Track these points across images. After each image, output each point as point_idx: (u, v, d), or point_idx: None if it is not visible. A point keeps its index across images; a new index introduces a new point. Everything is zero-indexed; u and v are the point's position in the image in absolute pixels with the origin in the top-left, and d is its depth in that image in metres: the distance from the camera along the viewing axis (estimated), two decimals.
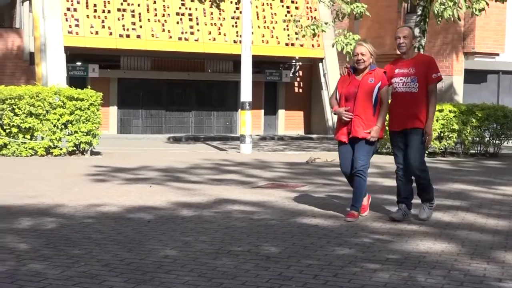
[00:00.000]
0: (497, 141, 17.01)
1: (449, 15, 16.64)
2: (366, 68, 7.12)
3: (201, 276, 4.82)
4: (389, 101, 7.24)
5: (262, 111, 30.40)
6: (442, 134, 16.20)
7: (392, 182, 10.32)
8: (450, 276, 4.96)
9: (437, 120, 16.00)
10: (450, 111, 16.22)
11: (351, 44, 18.09)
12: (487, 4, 16.96)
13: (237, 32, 26.78)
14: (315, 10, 27.99)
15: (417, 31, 18.29)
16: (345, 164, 7.24)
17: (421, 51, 18.26)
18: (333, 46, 18.63)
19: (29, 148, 14.37)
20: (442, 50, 26.55)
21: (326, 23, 19.30)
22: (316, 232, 6.51)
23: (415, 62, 7.13)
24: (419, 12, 18.32)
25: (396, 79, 7.13)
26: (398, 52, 7.37)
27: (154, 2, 26.60)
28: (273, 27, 28.22)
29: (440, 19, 16.92)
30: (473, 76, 26.46)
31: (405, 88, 7.07)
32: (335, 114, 7.29)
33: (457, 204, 8.52)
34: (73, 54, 25.01)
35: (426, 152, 15.85)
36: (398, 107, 7.11)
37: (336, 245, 5.93)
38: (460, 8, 16.66)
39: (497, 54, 26.27)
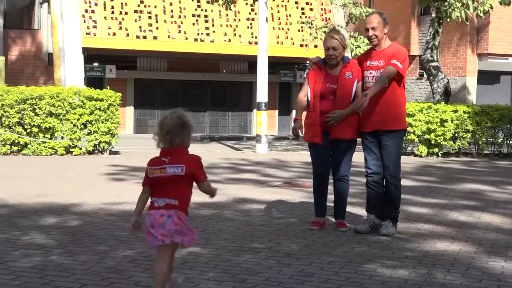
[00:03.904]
0: (510, 142, 17.05)
1: (457, 16, 16.78)
2: (339, 62, 6.49)
3: (225, 272, 4.95)
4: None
5: (277, 111, 30.53)
6: (456, 135, 16.27)
7: (410, 182, 10.46)
8: (468, 274, 5.06)
9: (451, 121, 16.08)
10: (464, 112, 16.28)
11: (360, 47, 18.24)
12: (491, 7, 17.08)
13: (252, 33, 26.93)
14: (329, 11, 28.09)
15: (430, 32, 18.40)
16: (321, 165, 6.60)
17: (435, 51, 18.38)
18: None
19: (49, 148, 14.56)
20: (455, 51, 26.58)
21: (338, 26, 19.42)
22: (335, 230, 6.62)
23: (385, 54, 6.35)
24: (433, 14, 18.43)
25: (367, 72, 6.41)
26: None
27: (171, 4, 26.80)
28: (288, 29, 28.34)
29: (448, 20, 17.08)
30: (486, 77, 26.48)
31: None
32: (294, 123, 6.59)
33: (472, 204, 8.61)
34: (91, 55, 25.26)
35: (440, 152, 16.00)
36: (368, 105, 6.17)
37: (355, 243, 6.05)
38: (468, 10, 16.78)
39: (511, 55, 26.27)
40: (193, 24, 26.95)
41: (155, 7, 26.53)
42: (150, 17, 26.35)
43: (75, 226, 6.61)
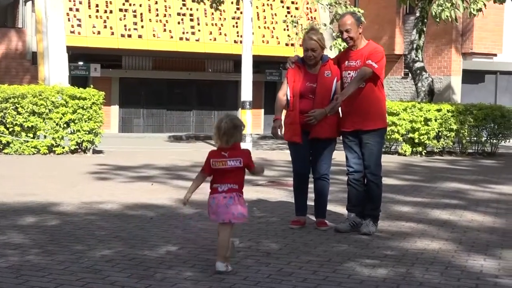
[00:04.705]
0: (494, 141, 17.13)
1: (447, 16, 16.75)
2: (318, 62, 6.50)
3: (203, 272, 4.92)
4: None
5: (262, 110, 30.49)
6: (440, 133, 16.31)
7: (393, 181, 10.47)
8: (447, 272, 5.05)
9: (435, 120, 16.11)
10: (448, 111, 16.32)
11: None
12: (485, 5, 17.04)
13: (237, 32, 26.87)
14: (315, 10, 28.08)
15: (415, 32, 18.43)
16: (301, 164, 6.59)
17: (419, 51, 18.40)
18: (330, 49, 18.70)
19: (32, 147, 14.46)
20: (440, 51, 26.64)
21: (324, 25, 19.41)
22: (316, 229, 6.60)
23: (361, 54, 6.35)
24: (418, 14, 18.45)
25: (345, 73, 6.42)
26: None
27: (156, 3, 26.70)
28: (274, 28, 28.31)
29: (438, 20, 17.03)
30: (471, 76, 26.56)
31: None
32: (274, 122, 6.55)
33: (454, 203, 8.62)
34: (75, 54, 25.12)
35: (424, 151, 16.04)
36: (348, 105, 6.31)
37: (335, 242, 6.03)
38: (458, 9, 16.75)
39: (495, 55, 26.37)
40: (178, 23, 26.86)
41: (140, 5, 26.41)
42: (135, 16, 26.23)
43: (53, 225, 6.55)
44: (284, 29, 27.54)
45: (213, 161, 5.07)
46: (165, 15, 26.69)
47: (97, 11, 25.69)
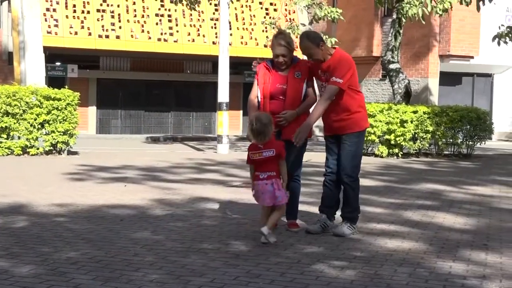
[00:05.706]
0: (470, 142, 17.18)
1: (414, 13, 16.75)
2: (289, 65, 6.46)
3: (169, 274, 4.86)
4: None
5: (241, 112, 30.45)
6: (416, 135, 16.34)
7: (368, 182, 10.45)
8: (415, 274, 5.03)
9: (411, 121, 16.15)
10: (424, 113, 16.36)
11: None
12: (451, 5, 17.06)
13: (216, 34, 26.82)
14: (293, 12, 28.10)
15: (391, 33, 18.47)
16: None
17: (396, 53, 18.44)
18: None
19: (5, 148, 14.31)
20: (418, 53, 26.78)
21: (303, 25, 19.40)
22: (287, 230, 6.56)
23: (328, 65, 6.29)
24: (394, 16, 18.49)
25: (319, 82, 6.45)
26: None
27: (134, 3, 26.58)
28: (252, 29, 28.29)
29: (405, 17, 17.02)
30: (448, 78, 26.72)
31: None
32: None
33: (428, 204, 8.63)
34: (52, 54, 24.93)
35: (401, 153, 16.07)
36: (324, 113, 6.34)
37: (306, 243, 5.99)
38: (425, 8, 16.75)
39: (472, 57, 26.55)
40: (157, 23, 26.77)
41: (118, 6, 26.29)
42: (112, 16, 26.10)
43: (21, 227, 6.45)
44: (263, 31, 27.53)
45: (251, 154, 5.98)
46: (143, 16, 26.59)
47: (74, 11, 25.53)
